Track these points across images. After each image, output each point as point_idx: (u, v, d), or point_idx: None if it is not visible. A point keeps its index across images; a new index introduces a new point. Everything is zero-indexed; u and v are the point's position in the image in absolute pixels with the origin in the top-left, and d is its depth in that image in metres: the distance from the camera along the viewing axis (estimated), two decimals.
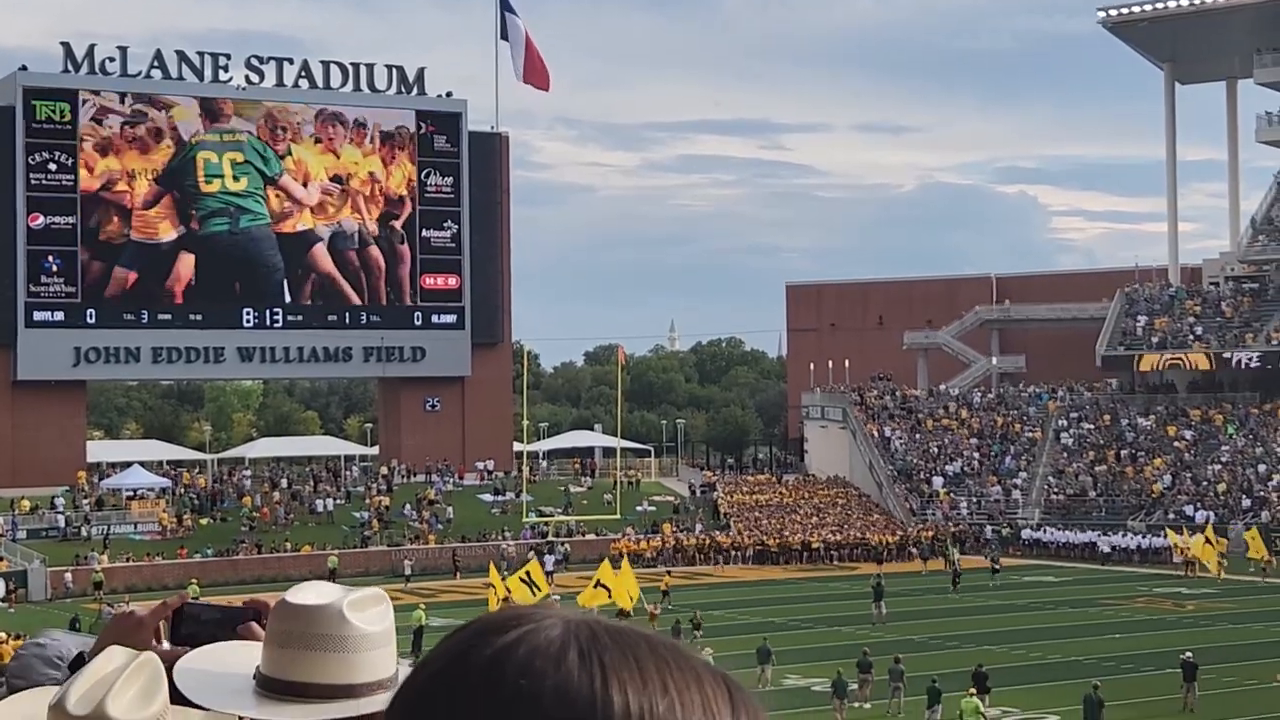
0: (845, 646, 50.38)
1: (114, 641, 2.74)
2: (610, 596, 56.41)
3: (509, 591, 58.87)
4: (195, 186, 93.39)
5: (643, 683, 1.77)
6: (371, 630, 2.68)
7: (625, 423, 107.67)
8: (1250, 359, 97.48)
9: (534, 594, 57.14)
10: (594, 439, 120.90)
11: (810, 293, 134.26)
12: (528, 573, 58.53)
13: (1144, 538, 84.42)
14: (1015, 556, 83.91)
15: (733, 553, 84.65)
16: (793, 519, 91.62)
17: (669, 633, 45.96)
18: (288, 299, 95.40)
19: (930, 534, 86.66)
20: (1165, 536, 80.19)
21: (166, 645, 2.89)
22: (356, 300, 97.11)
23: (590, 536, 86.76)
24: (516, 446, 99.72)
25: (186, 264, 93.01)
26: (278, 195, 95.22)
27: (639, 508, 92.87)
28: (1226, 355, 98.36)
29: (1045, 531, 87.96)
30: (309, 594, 2.72)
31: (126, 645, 2.58)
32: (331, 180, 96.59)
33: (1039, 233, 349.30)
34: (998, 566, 75.01)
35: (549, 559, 78.48)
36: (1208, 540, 72.95)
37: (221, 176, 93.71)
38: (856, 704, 43.40)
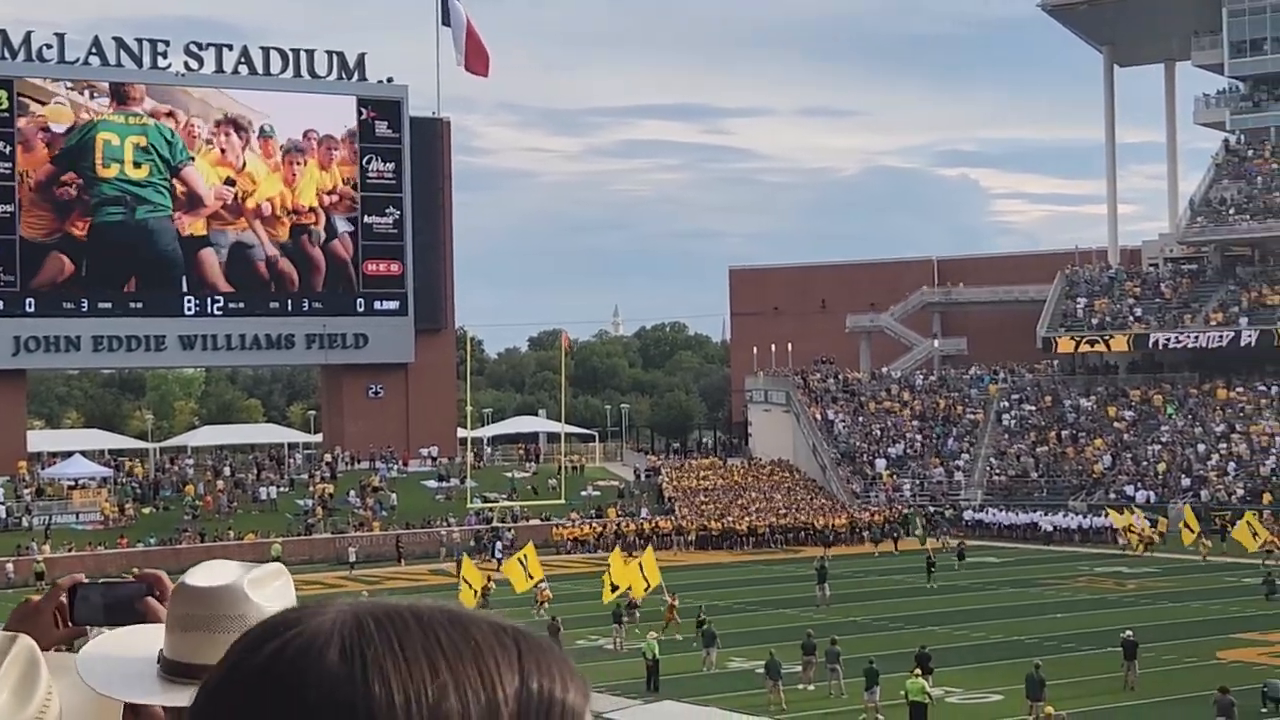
0: (789, 629, 50.52)
1: (14, 630, 2.59)
2: (620, 590, 54.89)
3: (488, 581, 59.08)
4: (92, 170, 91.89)
5: (409, 670, 1.71)
6: (274, 607, 2.55)
7: (569, 408, 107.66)
8: (1189, 339, 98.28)
9: (527, 579, 57.66)
10: (538, 424, 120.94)
11: (754, 277, 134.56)
12: (524, 557, 58.32)
13: (1085, 518, 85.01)
14: (958, 538, 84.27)
15: (675, 538, 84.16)
16: (738, 503, 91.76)
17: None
18: (184, 289, 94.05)
19: (880, 517, 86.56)
20: (1106, 516, 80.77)
21: (65, 629, 2.88)
22: (292, 287, 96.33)
23: (535, 522, 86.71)
24: (460, 433, 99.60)
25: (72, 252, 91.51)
26: (182, 185, 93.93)
27: (584, 493, 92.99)
28: (1156, 337, 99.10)
29: (987, 513, 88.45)
30: (208, 575, 2.67)
31: (26, 633, 2.45)
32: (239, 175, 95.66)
33: (980, 215, 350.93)
34: (963, 552, 74.21)
35: (497, 545, 78.41)
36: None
37: (121, 162, 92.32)
38: (801, 686, 43.38)
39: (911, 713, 37.54)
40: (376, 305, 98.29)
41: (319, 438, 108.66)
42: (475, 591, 56.00)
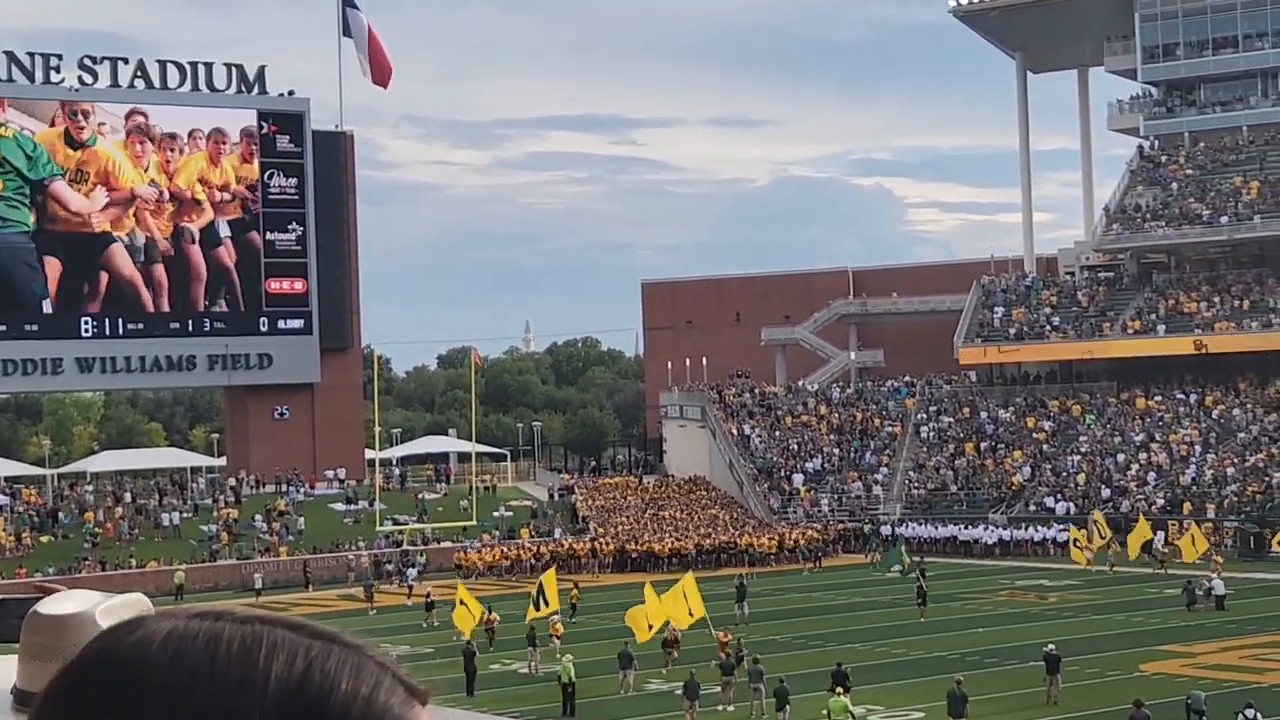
0: (708, 649, 49.22)
1: None
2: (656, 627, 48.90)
3: (488, 611, 55.08)
4: None
5: (220, 665, 1.79)
6: None
7: (480, 426, 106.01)
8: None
9: (541, 608, 53.15)
10: (449, 444, 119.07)
11: (666, 290, 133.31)
12: (540, 587, 53.96)
13: (1006, 530, 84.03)
14: (878, 552, 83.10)
15: (590, 561, 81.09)
16: (657, 521, 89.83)
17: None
18: (47, 311, 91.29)
19: (808, 536, 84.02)
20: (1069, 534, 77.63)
21: None
22: (150, 309, 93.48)
23: (446, 544, 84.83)
24: (368, 454, 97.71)
25: None
26: (53, 200, 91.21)
27: (496, 513, 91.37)
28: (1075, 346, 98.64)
29: (907, 527, 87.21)
30: (60, 603, 2.61)
31: None
32: (148, 185, 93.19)
33: (895, 225, 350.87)
34: (924, 566, 70.52)
35: (411, 571, 76.63)
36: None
37: None
38: (720, 706, 42.92)
39: None
40: (280, 324, 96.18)
41: (223, 461, 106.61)
42: (476, 618, 52.76)
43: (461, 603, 52.70)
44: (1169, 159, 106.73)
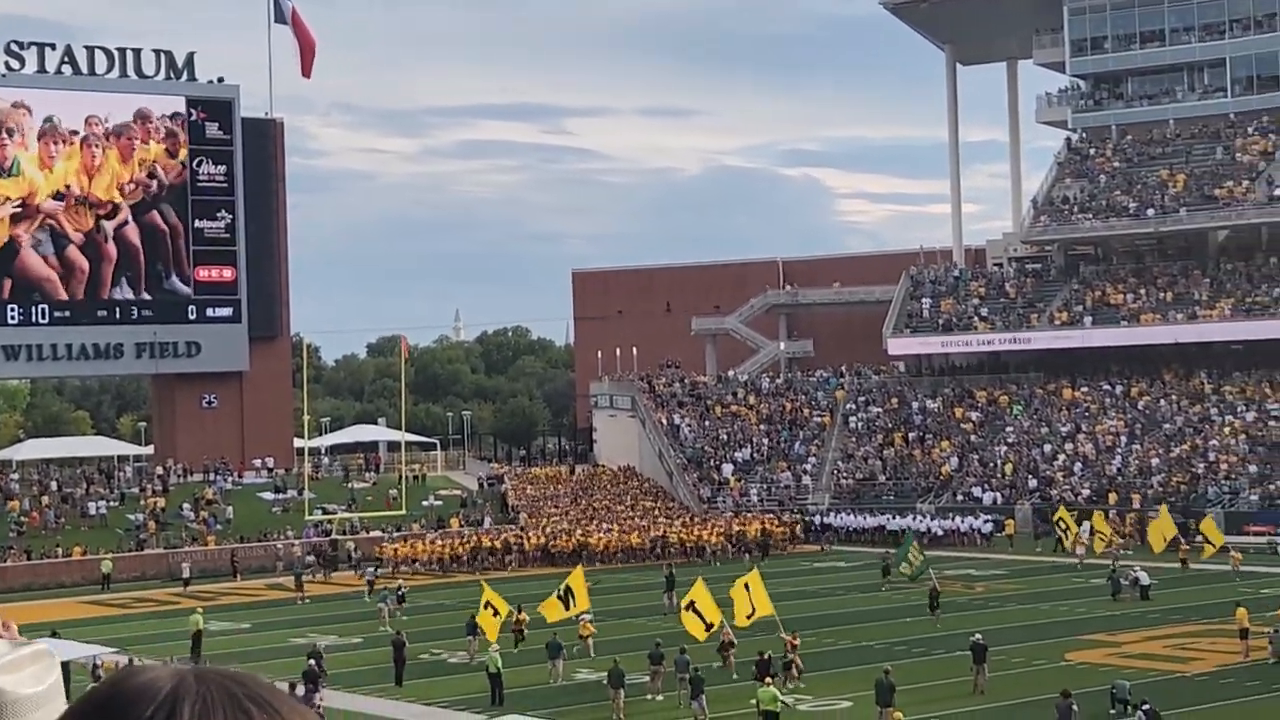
0: (637, 639, 49.39)
1: None
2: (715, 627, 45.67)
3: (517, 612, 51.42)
4: None
5: None
6: (29, 691, 2.48)
7: (410, 415, 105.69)
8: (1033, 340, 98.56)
9: (569, 608, 50.44)
10: (378, 433, 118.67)
11: (597, 279, 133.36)
12: (567, 587, 51.14)
13: (933, 520, 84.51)
14: (806, 542, 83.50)
15: (518, 556, 78.75)
16: (589, 511, 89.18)
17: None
18: (6, 297, 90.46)
19: (755, 528, 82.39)
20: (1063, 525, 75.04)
21: None
22: (77, 296, 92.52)
23: (375, 534, 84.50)
24: (297, 443, 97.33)
25: None
26: None
27: (425, 502, 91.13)
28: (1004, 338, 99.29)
29: (835, 516, 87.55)
30: None
31: None
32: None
33: (825, 216, 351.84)
34: (888, 568, 68.54)
35: (369, 569, 73.50)
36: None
37: None
38: (649, 696, 42.96)
39: None
40: (209, 312, 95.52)
41: (150, 450, 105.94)
42: (501, 617, 49.52)
43: (488, 604, 49.69)
44: (1096, 151, 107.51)
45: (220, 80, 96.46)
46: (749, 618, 46.46)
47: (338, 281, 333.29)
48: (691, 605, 45.57)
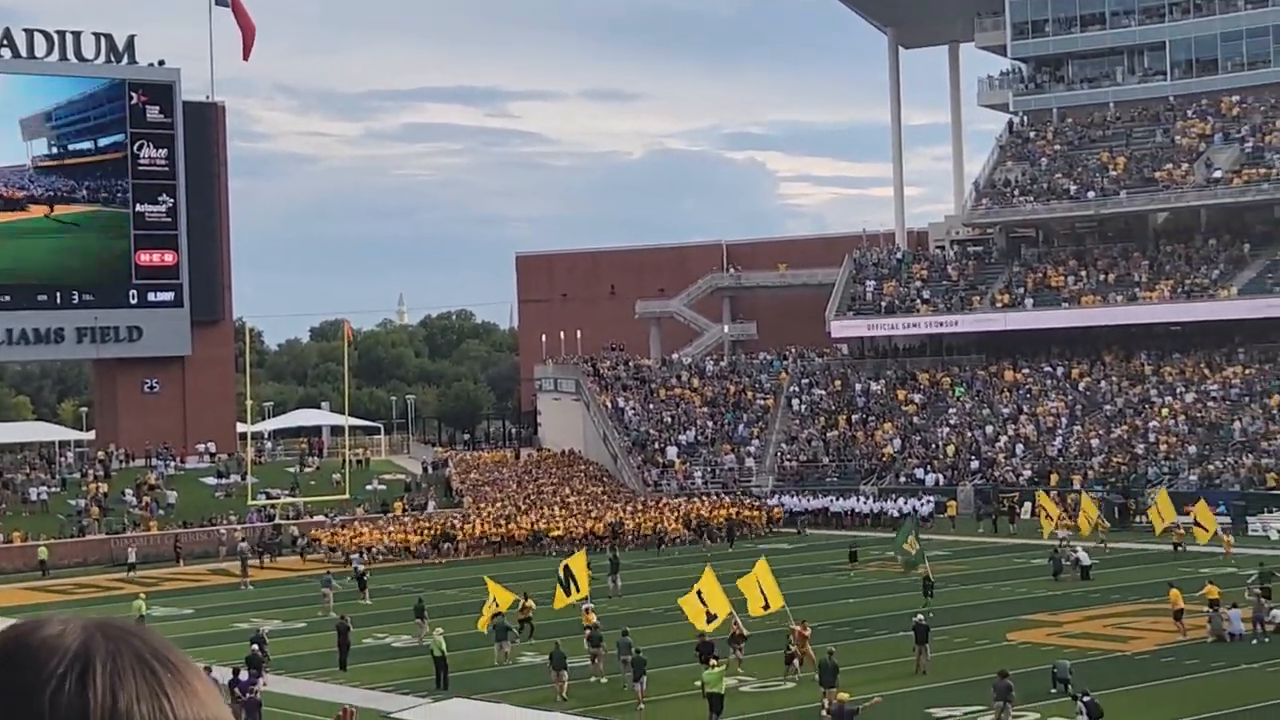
0: (579, 622, 49.23)
1: None
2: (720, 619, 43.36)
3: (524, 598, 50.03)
4: None
5: (119, 686, 2.16)
6: None
7: (353, 400, 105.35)
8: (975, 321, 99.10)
9: (571, 593, 49.32)
10: (321, 417, 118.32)
11: (541, 263, 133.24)
12: (566, 567, 50.13)
13: (875, 501, 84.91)
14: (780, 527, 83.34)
15: (465, 545, 77.12)
16: (540, 497, 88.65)
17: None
18: None
19: (723, 513, 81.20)
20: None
21: None
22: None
23: (320, 518, 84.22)
24: (240, 427, 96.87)
25: None
26: None
27: (369, 487, 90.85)
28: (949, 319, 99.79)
29: (779, 498, 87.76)
30: None
31: None
32: None
33: (768, 199, 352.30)
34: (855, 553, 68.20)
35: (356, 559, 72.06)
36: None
37: None
38: (592, 679, 42.89)
39: (710, 703, 36.72)
40: (150, 297, 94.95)
41: (91, 435, 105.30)
42: (501, 608, 48.06)
43: (494, 600, 48.32)
44: (1037, 134, 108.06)
45: (161, 63, 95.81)
46: (764, 609, 45.12)
47: (280, 265, 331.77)
48: (699, 594, 43.83)
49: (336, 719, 34.38)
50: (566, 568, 50.08)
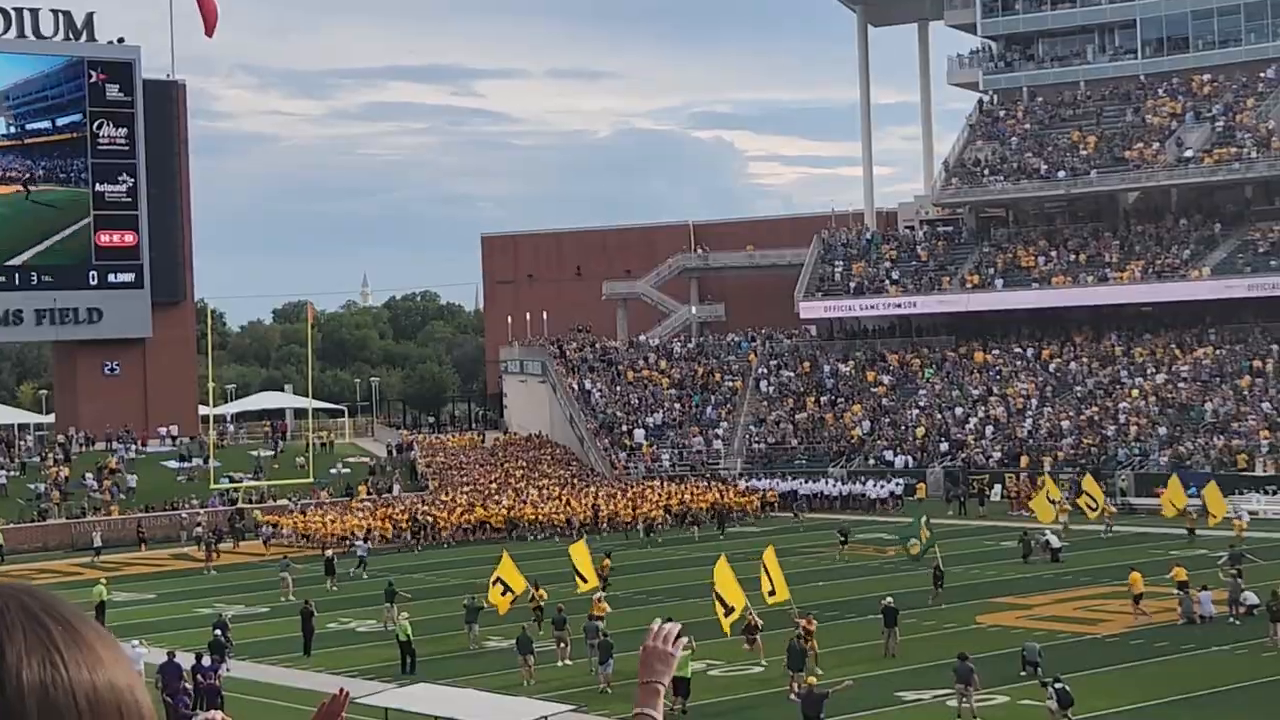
0: (547, 605, 48.62)
1: None
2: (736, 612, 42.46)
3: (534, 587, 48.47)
4: None
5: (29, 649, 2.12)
6: None
7: (317, 382, 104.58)
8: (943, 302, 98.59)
9: (581, 584, 48.78)
10: (284, 400, 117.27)
11: (506, 243, 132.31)
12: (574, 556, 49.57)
13: (844, 484, 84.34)
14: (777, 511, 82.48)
15: (441, 533, 74.94)
16: (508, 480, 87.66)
17: None
18: None
19: (707, 500, 79.27)
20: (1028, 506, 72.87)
21: None
22: None
23: (284, 502, 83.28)
24: (202, 410, 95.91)
25: None
26: None
27: (333, 470, 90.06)
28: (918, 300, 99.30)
29: (748, 480, 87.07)
30: None
31: None
32: None
33: (736, 179, 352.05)
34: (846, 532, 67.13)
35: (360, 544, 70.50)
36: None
37: None
38: (559, 662, 42.53)
39: (675, 687, 36.08)
40: (111, 278, 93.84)
41: (51, 418, 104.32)
42: (513, 595, 47.27)
43: (499, 580, 47.48)
44: (1007, 113, 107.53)
45: (121, 41, 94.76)
46: (771, 595, 44.09)
47: (242, 246, 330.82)
48: (717, 596, 42.35)
49: (332, 699, 33.53)
50: (570, 557, 49.67)
